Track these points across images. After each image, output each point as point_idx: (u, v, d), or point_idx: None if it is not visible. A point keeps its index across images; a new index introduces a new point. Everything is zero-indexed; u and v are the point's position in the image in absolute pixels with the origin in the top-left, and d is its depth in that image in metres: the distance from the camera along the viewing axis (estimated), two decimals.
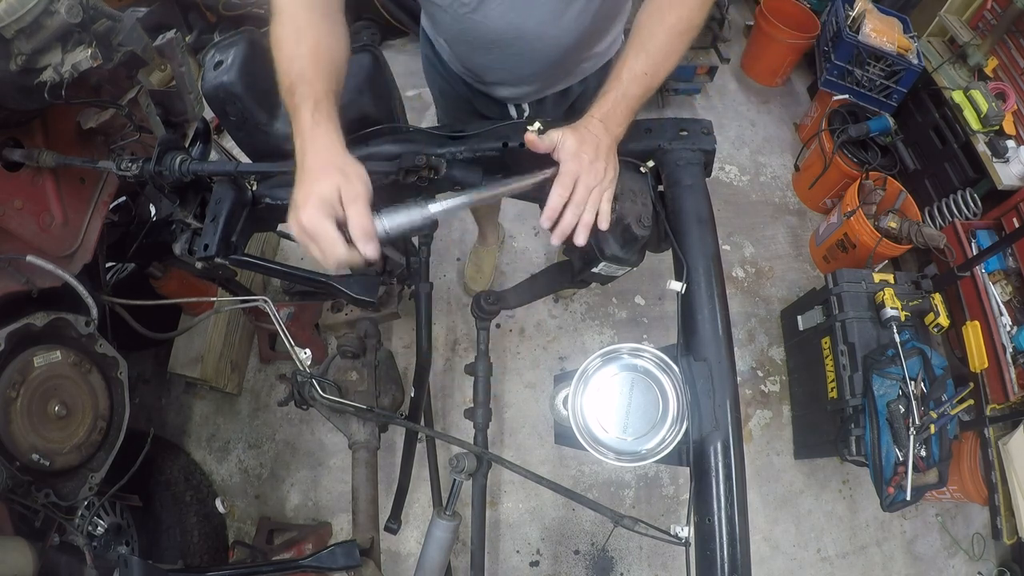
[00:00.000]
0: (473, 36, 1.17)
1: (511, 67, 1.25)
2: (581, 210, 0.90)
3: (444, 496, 1.22)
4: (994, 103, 2.49)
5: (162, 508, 1.79)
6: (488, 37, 1.15)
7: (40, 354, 1.19)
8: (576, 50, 1.23)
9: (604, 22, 1.22)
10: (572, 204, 0.90)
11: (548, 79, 1.33)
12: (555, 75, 1.32)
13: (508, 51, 1.18)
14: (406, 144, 1.04)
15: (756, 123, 3.26)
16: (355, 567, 1.20)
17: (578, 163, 0.90)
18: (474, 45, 1.21)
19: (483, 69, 1.32)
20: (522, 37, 1.14)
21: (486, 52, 1.21)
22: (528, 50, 1.17)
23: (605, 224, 0.92)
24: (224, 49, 1.02)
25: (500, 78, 1.32)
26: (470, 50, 1.26)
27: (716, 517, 0.83)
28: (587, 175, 0.90)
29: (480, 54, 1.24)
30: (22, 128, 1.18)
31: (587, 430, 0.92)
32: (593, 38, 1.25)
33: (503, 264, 2.58)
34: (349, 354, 1.43)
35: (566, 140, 0.91)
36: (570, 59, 1.26)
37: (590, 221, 0.91)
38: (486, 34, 1.15)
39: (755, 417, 2.47)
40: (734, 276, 2.75)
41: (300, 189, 0.82)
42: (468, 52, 1.29)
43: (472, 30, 1.15)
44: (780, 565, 2.23)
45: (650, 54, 0.95)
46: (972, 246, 2.40)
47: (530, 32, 1.13)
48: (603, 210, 0.91)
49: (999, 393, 2.14)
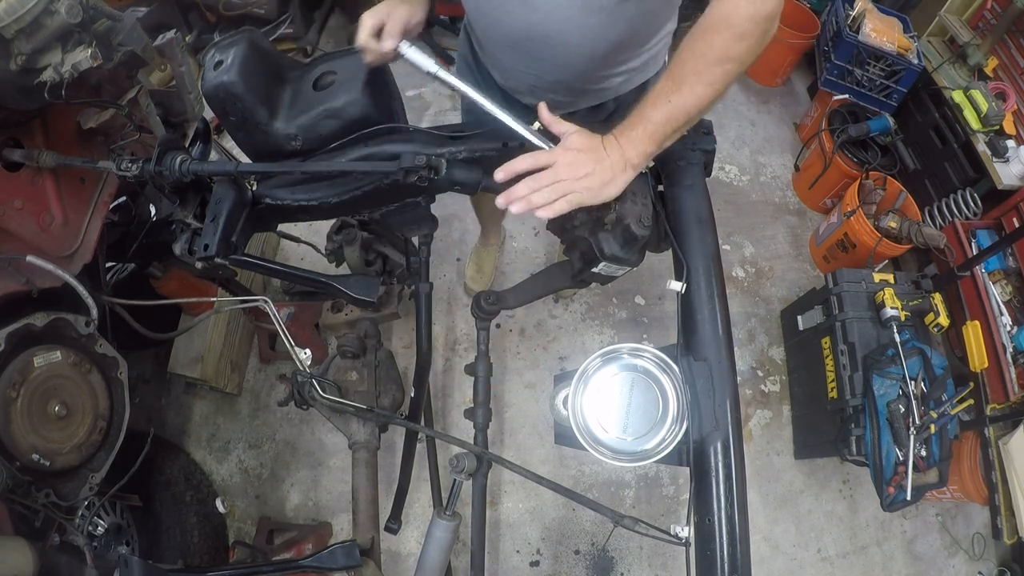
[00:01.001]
0: (498, 33, 1.19)
1: (536, 72, 1.23)
2: (535, 188, 0.89)
3: (444, 496, 1.22)
4: (994, 103, 2.49)
5: (162, 508, 1.79)
6: (511, 35, 1.16)
7: (40, 354, 1.19)
8: (603, 61, 1.20)
9: (635, 37, 1.17)
10: (533, 178, 0.90)
11: (574, 91, 1.30)
12: (582, 87, 1.28)
13: (532, 53, 1.17)
14: (406, 144, 1.04)
15: (756, 123, 3.26)
16: (355, 567, 1.20)
17: (565, 154, 0.90)
18: (499, 43, 1.22)
19: (510, 72, 1.30)
20: (545, 40, 1.12)
21: (512, 51, 1.21)
22: (551, 55, 1.16)
23: (544, 214, 0.90)
24: (224, 49, 1.02)
25: (527, 84, 1.30)
26: (496, 49, 1.27)
27: (716, 517, 0.83)
28: (565, 167, 0.90)
29: (506, 53, 1.24)
30: (22, 128, 1.18)
31: (587, 430, 0.92)
32: (622, 52, 1.20)
33: (503, 264, 2.58)
34: (349, 354, 1.43)
35: (572, 135, 0.92)
36: (597, 71, 1.23)
37: (536, 203, 0.89)
38: (509, 32, 1.15)
39: (755, 417, 2.47)
40: (734, 276, 2.75)
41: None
42: (495, 51, 1.28)
43: (496, 26, 1.17)
44: (780, 565, 2.23)
45: (676, 82, 0.92)
46: (972, 246, 2.40)
47: (552, 34, 1.11)
48: (554, 206, 0.90)
49: (999, 393, 2.14)
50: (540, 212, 0.90)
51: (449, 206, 2.61)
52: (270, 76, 1.05)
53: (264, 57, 1.05)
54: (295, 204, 1.10)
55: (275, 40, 2.76)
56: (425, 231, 1.35)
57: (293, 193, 1.10)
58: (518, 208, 0.89)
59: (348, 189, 1.08)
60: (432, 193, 1.17)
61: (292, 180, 1.11)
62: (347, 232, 1.62)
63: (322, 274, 1.27)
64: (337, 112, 1.02)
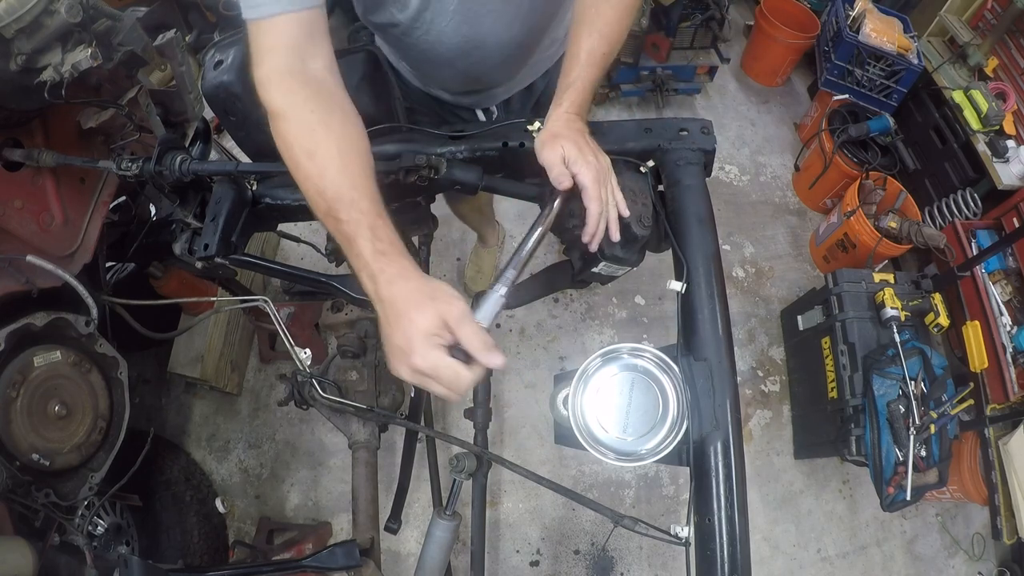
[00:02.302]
0: (434, 54, 1.16)
1: (475, 75, 1.24)
2: (608, 206, 0.92)
3: (444, 496, 1.22)
4: (994, 103, 2.49)
5: (162, 508, 1.79)
6: (447, 54, 1.14)
7: (40, 354, 1.19)
8: (533, 45, 1.23)
9: (553, 6, 1.18)
10: (600, 203, 0.91)
11: (511, 79, 1.33)
12: (517, 73, 1.32)
13: (468, 61, 1.17)
14: (406, 144, 1.04)
15: (756, 123, 3.26)
16: (355, 567, 1.20)
17: (589, 168, 0.90)
18: (436, 63, 1.20)
19: (448, 82, 1.31)
20: (479, 46, 1.13)
21: (449, 66, 1.20)
22: (487, 56, 1.16)
23: (625, 210, 0.94)
24: (224, 49, 1.02)
25: (466, 87, 1.31)
26: (433, 68, 1.25)
27: (716, 517, 0.83)
28: (598, 175, 0.91)
29: (443, 69, 1.23)
30: (22, 128, 1.18)
31: (587, 430, 0.92)
32: (545, 29, 1.23)
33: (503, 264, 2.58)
34: (349, 354, 1.43)
35: (568, 152, 0.90)
36: (528, 55, 1.26)
37: (615, 216, 0.93)
38: (444, 52, 1.14)
39: (755, 417, 2.47)
40: (734, 276, 2.75)
41: (396, 331, 0.73)
42: (431, 70, 1.27)
43: (431, 50, 1.14)
44: (780, 565, 2.23)
45: (603, 35, 0.95)
46: (972, 246, 2.39)
47: (486, 39, 1.12)
48: (619, 198, 0.94)
49: (999, 393, 2.14)
50: (623, 212, 0.94)
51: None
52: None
53: None
54: (295, 204, 1.10)
55: None
56: (425, 231, 1.35)
57: (293, 193, 1.10)
58: (616, 233, 0.94)
59: None
60: (432, 193, 1.17)
61: (292, 180, 1.10)
62: None
63: (322, 274, 1.27)
64: None
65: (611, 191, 0.93)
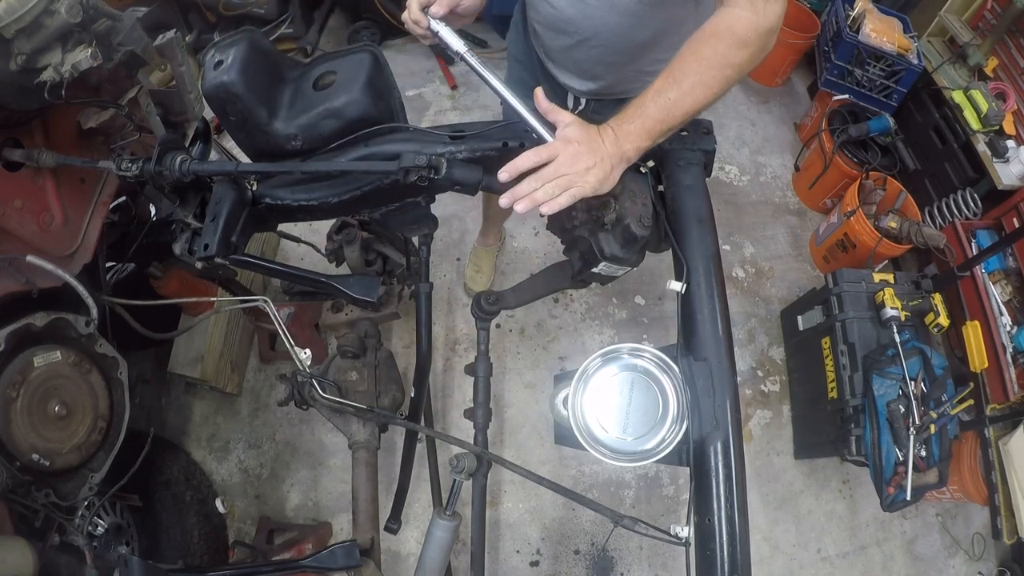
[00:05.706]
0: (546, 15, 1.28)
1: (577, 58, 1.33)
2: (539, 185, 0.90)
3: (444, 496, 1.22)
4: (994, 103, 2.49)
5: (162, 508, 1.79)
6: (550, 21, 1.28)
7: (40, 354, 1.19)
8: (631, 59, 1.28)
9: (663, 39, 1.24)
10: (536, 176, 0.90)
11: (610, 81, 1.37)
12: (617, 78, 1.36)
13: (568, 40, 1.28)
14: (406, 144, 1.04)
15: (756, 123, 3.26)
16: (355, 567, 1.20)
17: (566, 147, 0.90)
18: (546, 24, 1.33)
19: (552, 51, 1.40)
20: (576, 30, 1.24)
21: (556, 35, 1.31)
22: (583, 44, 1.27)
23: (547, 210, 0.91)
24: (224, 49, 1.02)
25: (566, 64, 1.40)
26: (542, 31, 1.37)
27: (716, 517, 0.83)
28: (567, 162, 0.90)
29: (550, 36, 1.35)
30: (22, 128, 1.18)
31: (587, 430, 0.92)
32: (650, 52, 1.28)
33: (503, 264, 2.58)
34: (349, 354, 1.43)
35: (570, 126, 0.92)
36: (627, 66, 1.31)
37: (540, 200, 0.90)
38: (548, 18, 1.28)
39: (755, 417, 2.47)
40: (734, 276, 2.75)
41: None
42: (542, 33, 1.38)
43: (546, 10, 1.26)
44: (780, 565, 2.23)
45: (677, 81, 0.94)
46: (972, 246, 2.40)
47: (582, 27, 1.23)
48: (558, 200, 0.90)
49: (999, 393, 2.14)
50: (544, 208, 0.90)
51: (449, 206, 2.61)
52: (270, 76, 1.05)
53: (264, 57, 1.05)
54: (295, 204, 1.10)
55: (275, 40, 2.76)
56: (425, 231, 1.35)
57: (293, 193, 1.10)
58: (523, 207, 0.90)
59: (348, 189, 1.08)
60: (432, 193, 1.17)
61: (292, 180, 1.11)
62: (347, 232, 1.62)
63: (322, 274, 1.27)
64: (337, 112, 1.02)
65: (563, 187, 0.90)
